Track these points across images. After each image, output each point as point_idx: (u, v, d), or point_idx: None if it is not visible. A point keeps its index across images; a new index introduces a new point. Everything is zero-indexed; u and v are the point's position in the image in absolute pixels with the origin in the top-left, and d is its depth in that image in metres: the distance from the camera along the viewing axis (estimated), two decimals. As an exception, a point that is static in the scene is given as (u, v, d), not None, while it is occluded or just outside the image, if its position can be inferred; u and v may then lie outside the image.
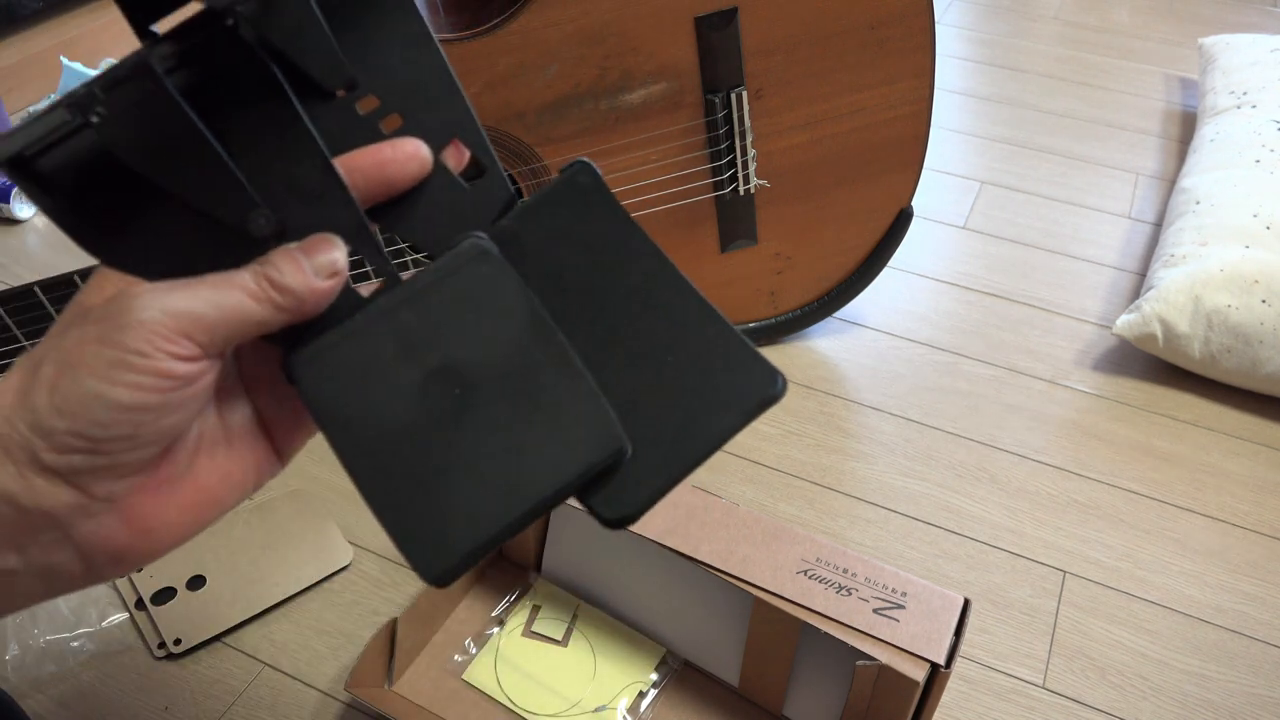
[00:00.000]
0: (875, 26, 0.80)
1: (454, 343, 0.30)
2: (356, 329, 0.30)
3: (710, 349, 0.31)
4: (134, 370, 0.26)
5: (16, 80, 1.31)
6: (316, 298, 0.29)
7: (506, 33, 0.73)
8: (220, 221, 0.29)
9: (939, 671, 0.54)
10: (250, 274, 0.28)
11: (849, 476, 0.83)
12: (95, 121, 0.26)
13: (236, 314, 0.27)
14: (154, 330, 0.26)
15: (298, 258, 0.29)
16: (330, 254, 0.29)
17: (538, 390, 0.30)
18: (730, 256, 0.88)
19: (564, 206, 0.32)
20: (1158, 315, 0.90)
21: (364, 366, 0.30)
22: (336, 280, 0.29)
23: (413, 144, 0.31)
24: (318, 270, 0.29)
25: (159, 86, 0.27)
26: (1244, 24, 1.64)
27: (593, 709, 0.64)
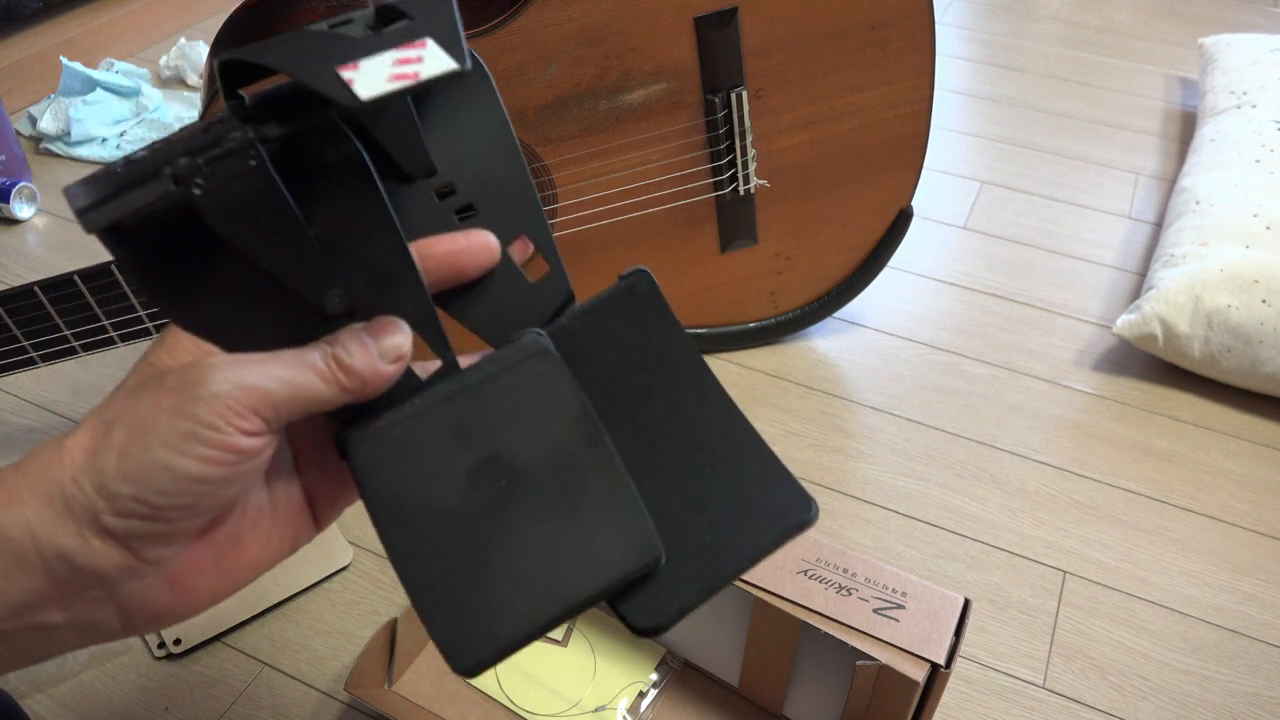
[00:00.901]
0: (875, 26, 0.80)
1: (505, 436, 0.31)
2: (412, 413, 0.31)
3: (749, 469, 0.32)
4: (204, 443, 0.26)
5: (16, 80, 1.32)
6: (380, 381, 0.29)
7: (506, 33, 0.73)
8: (295, 294, 0.29)
9: (939, 671, 0.54)
10: (320, 354, 0.29)
11: (849, 476, 0.83)
12: (197, 194, 0.26)
13: (303, 392, 0.28)
14: (226, 404, 0.26)
15: (366, 341, 0.29)
16: (396, 338, 0.30)
17: (582, 491, 0.30)
18: (730, 256, 0.88)
19: (621, 312, 0.33)
20: (1158, 315, 0.90)
21: (416, 450, 0.30)
22: (400, 365, 0.30)
23: (484, 236, 0.32)
24: (384, 354, 0.29)
25: (262, 169, 0.27)
26: (1244, 24, 1.64)
27: (593, 709, 0.64)
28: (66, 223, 1.12)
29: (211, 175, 0.26)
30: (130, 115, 1.28)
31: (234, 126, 0.27)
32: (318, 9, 0.74)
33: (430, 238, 0.32)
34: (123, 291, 0.73)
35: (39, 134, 1.25)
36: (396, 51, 0.27)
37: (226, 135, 0.27)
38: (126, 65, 1.38)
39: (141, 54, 1.47)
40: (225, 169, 0.27)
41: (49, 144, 1.24)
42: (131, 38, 1.47)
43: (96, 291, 0.72)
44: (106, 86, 1.28)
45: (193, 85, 1.38)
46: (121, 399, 0.27)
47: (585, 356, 0.33)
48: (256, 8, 0.77)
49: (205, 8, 1.58)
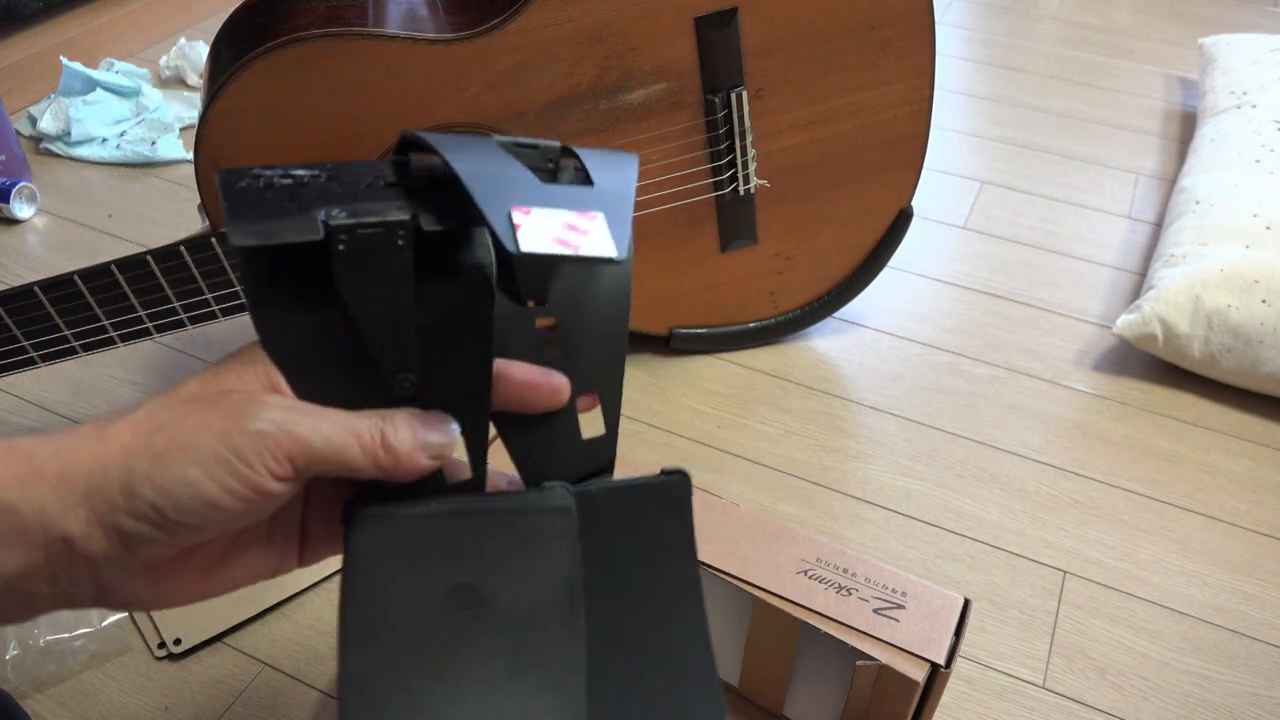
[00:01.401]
0: (875, 27, 0.80)
1: (495, 572, 0.30)
2: (424, 513, 0.31)
3: (689, 692, 0.31)
4: (234, 476, 0.27)
5: (16, 80, 1.32)
6: (414, 471, 0.30)
7: (506, 33, 0.73)
8: (374, 365, 0.30)
9: (939, 671, 0.54)
10: (369, 425, 0.29)
11: (849, 476, 0.83)
12: (339, 250, 0.28)
13: (340, 455, 0.28)
14: (267, 445, 0.27)
15: (416, 429, 0.30)
16: (444, 438, 0.30)
17: (535, 657, 0.30)
18: (730, 256, 0.88)
19: (648, 504, 0.33)
20: (1158, 315, 0.90)
21: (410, 550, 0.30)
22: (438, 463, 0.30)
23: (560, 381, 0.33)
24: (427, 448, 0.30)
25: (405, 253, 0.28)
26: (1244, 24, 1.64)
27: (593, 709, 0.64)
28: (66, 223, 1.12)
29: (358, 240, 0.28)
30: (130, 115, 1.28)
31: (395, 201, 0.29)
32: (317, 9, 0.74)
33: (512, 361, 0.32)
34: (122, 291, 0.73)
35: (39, 134, 1.25)
36: (569, 214, 0.28)
37: (388, 208, 0.28)
38: (126, 65, 1.38)
39: (141, 54, 1.47)
40: (373, 240, 0.28)
41: (49, 144, 1.24)
42: (131, 38, 1.47)
43: (96, 291, 0.72)
44: (106, 86, 1.28)
45: (193, 85, 1.38)
46: (176, 406, 0.28)
47: (596, 529, 0.32)
48: (256, 8, 0.77)
49: (205, 8, 1.58)
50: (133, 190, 1.18)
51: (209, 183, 0.75)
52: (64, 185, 1.18)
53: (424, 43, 0.72)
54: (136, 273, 0.73)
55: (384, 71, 0.73)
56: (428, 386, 0.31)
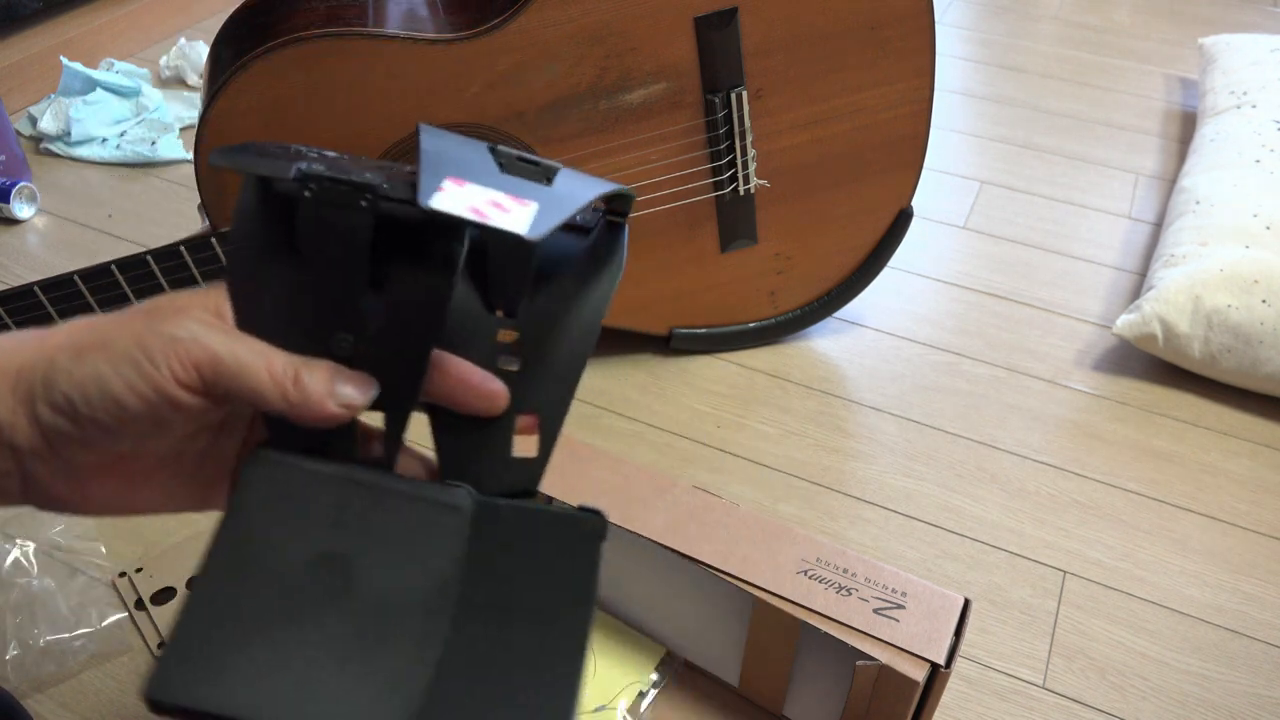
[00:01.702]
0: (875, 27, 0.80)
1: (370, 550, 0.30)
2: (320, 473, 0.30)
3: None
4: (139, 374, 0.28)
5: (16, 80, 1.32)
6: (318, 415, 0.30)
7: (506, 33, 0.73)
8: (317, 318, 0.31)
9: (939, 671, 0.54)
10: (286, 360, 0.29)
11: (849, 476, 0.83)
12: (305, 196, 0.29)
13: (248, 377, 0.29)
14: (175, 349, 0.28)
15: (333, 377, 0.30)
16: (358, 393, 0.30)
17: (380, 645, 0.29)
18: (730, 256, 0.88)
19: (554, 536, 0.31)
20: (1158, 315, 0.90)
21: (294, 505, 0.30)
22: (344, 414, 0.30)
23: (498, 389, 0.32)
24: (338, 396, 0.30)
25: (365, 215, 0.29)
26: (1244, 24, 1.64)
27: (593, 709, 0.64)
28: (66, 223, 1.12)
29: (325, 192, 0.29)
30: (130, 115, 1.28)
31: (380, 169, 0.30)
32: (317, 9, 0.74)
33: (455, 357, 0.32)
34: (122, 291, 0.73)
35: (39, 134, 1.25)
36: (500, 195, 0.29)
37: (365, 173, 0.29)
38: (126, 65, 1.38)
39: (141, 54, 1.47)
40: (338, 194, 0.29)
41: (49, 144, 1.24)
42: (131, 38, 1.47)
43: (96, 291, 0.72)
44: (106, 86, 1.28)
45: (193, 85, 1.38)
46: (118, 313, 0.29)
47: (493, 545, 0.31)
48: (256, 8, 0.77)
49: (205, 8, 1.58)
50: (133, 190, 1.18)
51: (209, 183, 0.75)
52: (64, 185, 1.18)
53: (424, 43, 0.72)
54: (136, 273, 0.73)
55: (384, 71, 0.73)
56: (365, 353, 0.31)
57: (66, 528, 0.74)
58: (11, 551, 0.71)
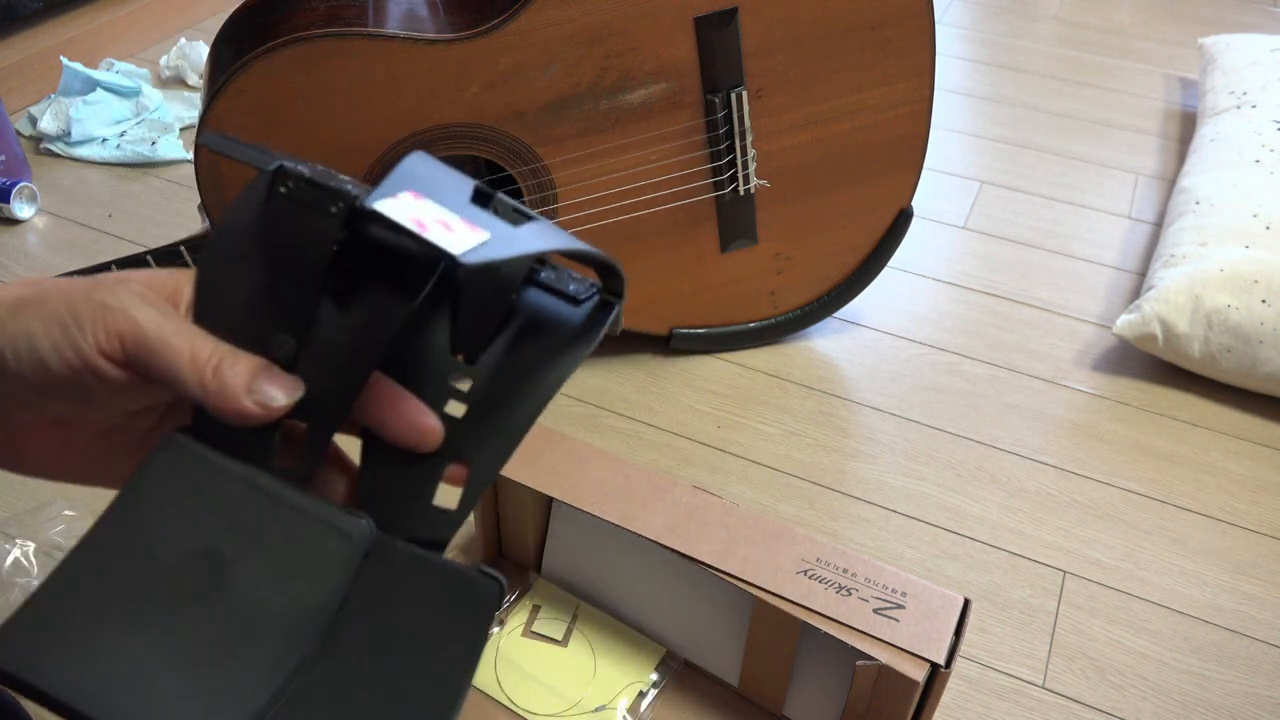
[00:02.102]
0: (875, 26, 0.80)
1: (251, 560, 0.29)
2: (225, 472, 0.30)
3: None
4: (65, 336, 0.28)
5: (16, 80, 1.32)
6: (233, 409, 0.29)
7: (506, 33, 0.73)
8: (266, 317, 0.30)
9: (939, 671, 0.54)
10: (212, 348, 0.29)
11: (849, 476, 0.83)
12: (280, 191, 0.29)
13: (169, 357, 0.28)
14: (103, 317, 0.28)
15: (258, 374, 0.29)
16: (278, 393, 0.29)
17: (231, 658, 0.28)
18: (730, 256, 0.88)
19: (447, 593, 0.30)
20: (1158, 315, 0.90)
21: (191, 495, 0.29)
22: (260, 415, 0.29)
23: (430, 424, 0.31)
24: (258, 394, 0.29)
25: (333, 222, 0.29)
26: (1244, 24, 1.64)
27: (593, 709, 0.64)
28: (66, 223, 1.12)
29: (300, 193, 0.29)
30: (130, 115, 1.28)
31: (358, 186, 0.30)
32: (317, 9, 0.74)
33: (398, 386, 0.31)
34: (123, 291, 0.73)
35: (39, 134, 1.25)
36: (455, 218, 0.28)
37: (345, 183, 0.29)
38: (126, 65, 1.38)
39: (141, 54, 1.47)
40: (313, 197, 0.29)
41: (49, 144, 1.24)
42: (131, 38, 1.47)
43: (96, 291, 0.72)
44: (106, 86, 1.28)
45: (193, 85, 1.38)
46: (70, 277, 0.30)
47: (382, 585, 0.30)
48: (256, 8, 0.77)
49: (205, 8, 1.58)
50: (133, 190, 1.18)
51: (209, 183, 0.75)
52: (64, 185, 1.18)
53: (424, 43, 0.72)
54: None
55: (384, 71, 0.73)
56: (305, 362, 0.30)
57: (67, 528, 0.74)
58: (11, 551, 0.71)
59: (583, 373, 0.93)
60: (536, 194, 0.81)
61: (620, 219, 0.84)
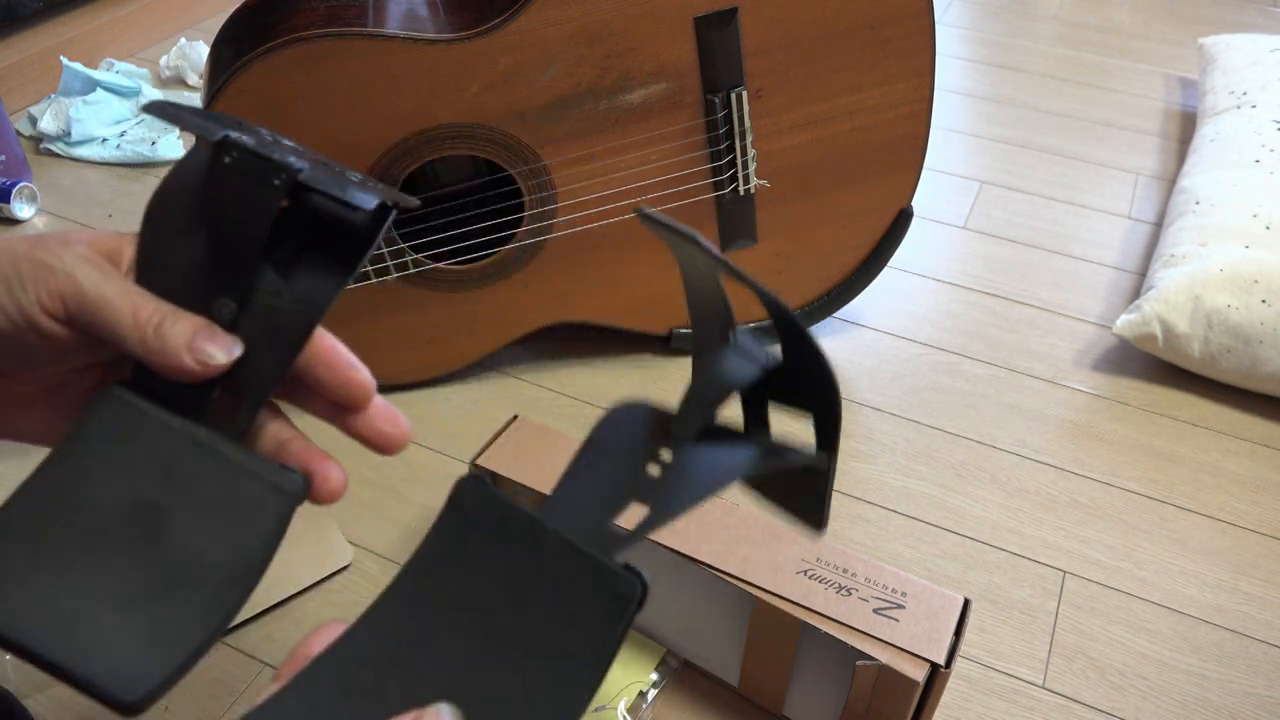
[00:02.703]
0: (875, 26, 0.80)
1: (187, 511, 0.30)
2: (163, 425, 0.30)
3: None
4: (7, 293, 0.29)
5: (16, 80, 1.32)
6: (174, 366, 0.30)
7: (506, 33, 0.73)
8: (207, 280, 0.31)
9: (939, 671, 0.54)
10: (154, 308, 0.30)
11: (849, 476, 0.83)
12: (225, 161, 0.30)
13: (111, 315, 0.29)
14: (45, 277, 0.29)
15: (198, 332, 0.30)
16: (217, 350, 0.30)
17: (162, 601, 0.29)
18: (730, 257, 0.88)
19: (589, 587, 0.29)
20: (1158, 315, 0.90)
21: (131, 447, 0.30)
22: (199, 372, 0.30)
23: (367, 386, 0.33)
24: (196, 351, 0.30)
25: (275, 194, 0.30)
26: (1244, 24, 1.64)
27: (593, 709, 0.64)
28: (66, 223, 1.12)
29: (244, 163, 0.30)
30: (130, 115, 1.28)
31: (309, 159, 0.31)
32: (317, 9, 0.74)
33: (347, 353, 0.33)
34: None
35: (39, 134, 1.25)
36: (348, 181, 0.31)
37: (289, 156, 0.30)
38: (126, 65, 1.38)
39: (141, 54, 1.47)
40: (257, 167, 0.30)
41: (49, 144, 1.24)
42: (131, 38, 1.47)
43: (96, 291, 0.72)
44: (106, 86, 1.28)
45: (193, 85, 1.38)
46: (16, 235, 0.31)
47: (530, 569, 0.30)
48: (256, 8, 0.77)
49: (205, 8, 1.58)
50: (133, 190, 1.18)
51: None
52: (64, 185, 1.18)
53: (424, 43, 0.72)
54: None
55: (384, 71, 0.73)
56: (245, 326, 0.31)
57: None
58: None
59: (583, 372, 0.93)
60: (536, 194, 0.81)
61: (620, 219, 0.84)
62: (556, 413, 0.89)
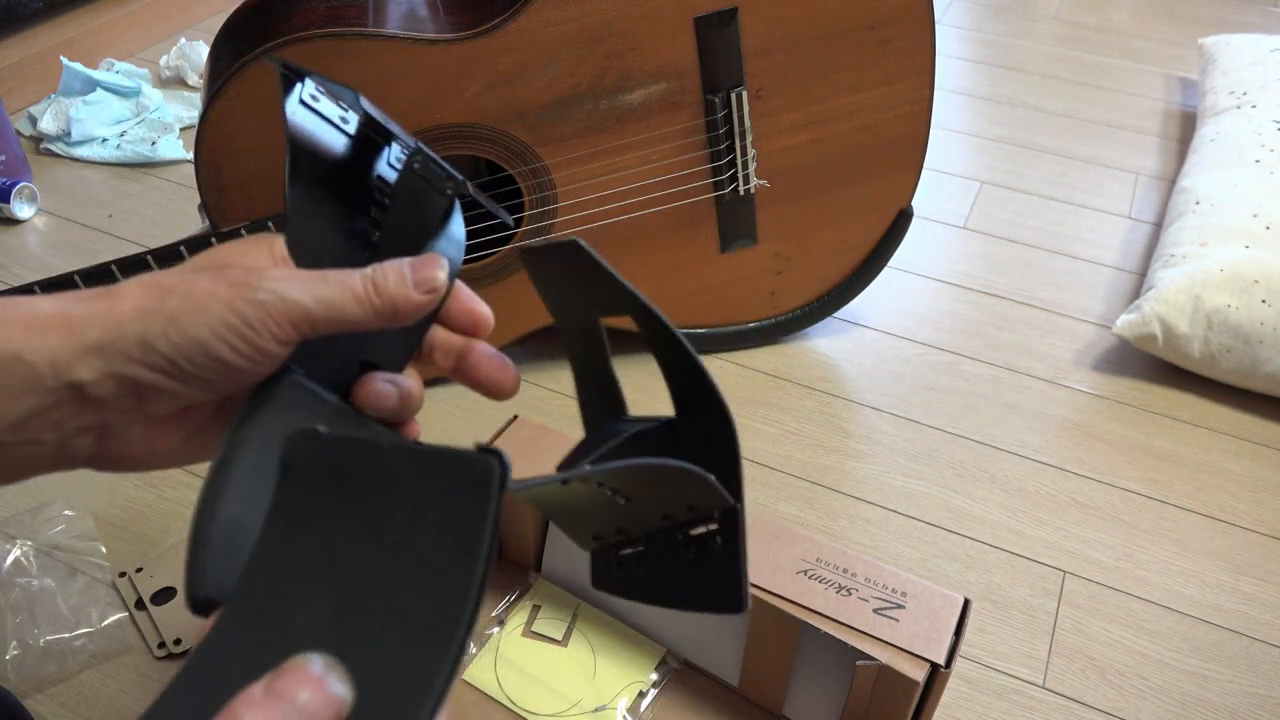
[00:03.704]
0: (875, 26, 0.80)
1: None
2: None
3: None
4: (241, 339, 0.30)
5: (16, 80, 1.31)
6: (411, 308, 0.32)
7: (506, 33, 0.73)
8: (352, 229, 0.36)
9: (939, 671, 0.54)
10: (360, 277, 0.32)
11: (849, 476, 0.83)
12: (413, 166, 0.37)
13: (338, 311, 0.31)
14: (269, 312, 0.31)
15: (404, 271, 0.33)
16: (433, 272, 0.33)
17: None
18: (730, 257, 0.88)
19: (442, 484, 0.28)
20: (1158, 315, 0.90)
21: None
22: (432, 297, 0.33)
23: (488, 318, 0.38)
24: (418, 284, 0.33)
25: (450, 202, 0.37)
26: (1244, 24, 1.64)
27: (593, 709, 0.64)
28: (66, 223, 1.12)
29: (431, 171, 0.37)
30: (130, 115, 1.28)
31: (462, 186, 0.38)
32: (317, 9, 0.74)
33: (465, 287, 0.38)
34: (123, 291, 0.73)
35: (39, 134, 1.25)
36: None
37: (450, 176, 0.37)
38: (126, 65, 1.38)
39: (141, 54, 1.47)
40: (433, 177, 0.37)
41: (49, 144, 1.24)
42: (131, 38, 1.47)
43: (96, 291, 0.72)
44: (107, 86, 1.28)
45: (193, 85, 1.38)
46: (183, 273, 0.32)
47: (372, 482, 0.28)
48: (257, 8, 0.77)
49: (205, 8, 1.58)
50: (133, 190, 1.18)
51: (209, 183, 0.75)
52: (64, 185, 1.18)
53: (424, 43, 0.72)
54: (136, 273, 0.73)
55: (384, 71, 0.73)
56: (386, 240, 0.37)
57: (66, 527, 0.74)
58: (12, 551, 0.71)
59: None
60: (536, 194, 0.81)
61: (620, 219, 0.84)
62: (556, 413, 0.89)
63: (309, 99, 0.35)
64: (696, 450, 0.35)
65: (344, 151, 0.36)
